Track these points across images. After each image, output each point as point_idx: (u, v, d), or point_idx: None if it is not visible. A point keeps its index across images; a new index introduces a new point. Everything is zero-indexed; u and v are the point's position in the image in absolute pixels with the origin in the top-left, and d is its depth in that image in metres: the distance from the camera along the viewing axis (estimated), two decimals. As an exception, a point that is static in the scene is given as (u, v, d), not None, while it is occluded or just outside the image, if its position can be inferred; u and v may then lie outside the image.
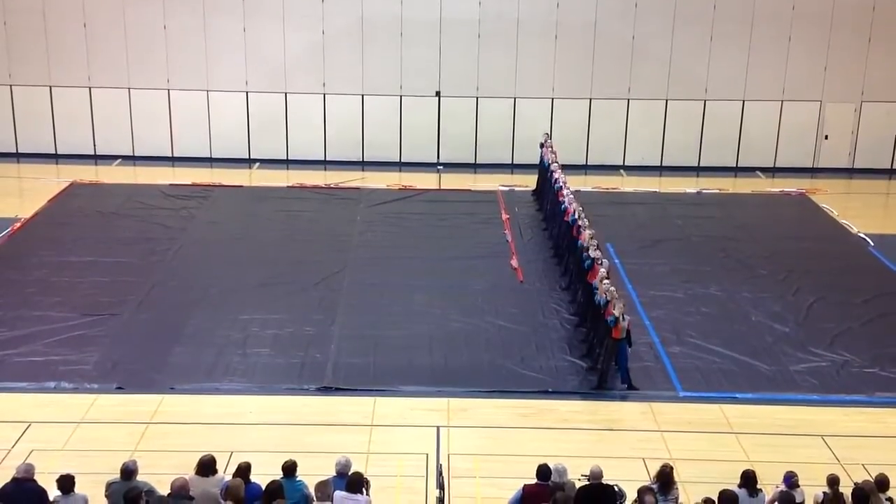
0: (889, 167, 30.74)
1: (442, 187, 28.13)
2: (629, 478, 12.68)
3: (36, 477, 11.35)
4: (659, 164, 30.34)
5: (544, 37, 29.39)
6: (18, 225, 23.87)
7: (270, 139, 30.08)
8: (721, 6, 29.23)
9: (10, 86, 29.59)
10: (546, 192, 25.43)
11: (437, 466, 13.79)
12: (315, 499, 10.95)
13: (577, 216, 20.73)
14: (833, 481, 11.67)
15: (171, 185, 27.52)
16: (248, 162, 30.19)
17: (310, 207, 26.13)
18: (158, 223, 24.39)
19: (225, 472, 12.29)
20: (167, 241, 23.16)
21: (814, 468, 13.25)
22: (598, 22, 29.28)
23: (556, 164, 24.66)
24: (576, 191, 23.87)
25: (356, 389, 16.45)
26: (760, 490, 11.75)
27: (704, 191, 28.36)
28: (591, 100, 29.87)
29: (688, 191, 28.33)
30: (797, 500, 11.49)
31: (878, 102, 30.08)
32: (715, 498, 11.17)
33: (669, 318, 19.33)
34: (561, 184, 23.33)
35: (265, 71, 29.55)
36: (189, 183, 27.71)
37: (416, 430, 15.24)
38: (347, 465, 11.76)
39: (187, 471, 11.60)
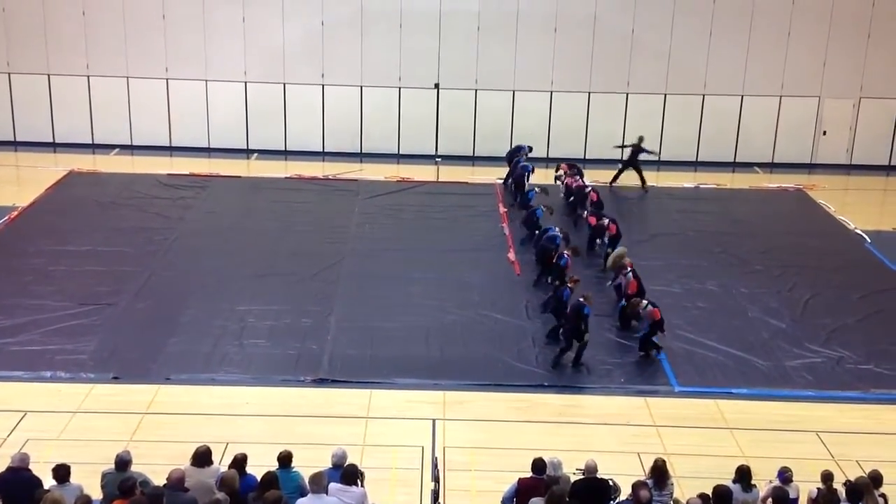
0: (887, 163, 30.67)
1: (440, 180, 28.05)
2: (624, 472, 12.74)
3: (31, 466, 11.37)
4: (657, 159, 30.28)
5: (544, 29, 29.31)
6: (16, 213, 23.82)
7: (269, 129, 29.98)
8: (721, 0, 29.18)
9: (9, 73, 29.48)
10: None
11: (433, 459, 13.82)
12: (310, 490, 10.96)
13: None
14: (827, 477, 11.71)
15: (168, 174, 27.45)
16: (246, 152, 30.11)
17: (307, 199, 26.07)
18: (156, 213, 24.34)
19: (220, 462, 12.30)
20: (164, 230, 23.12)
21: (808, 464, 13.30)
22: (597, 15, 29.19)
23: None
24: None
25: (352, 381, 16.48)
26: (754, 485, 11.79)
27: (702, 186, 28.32)
28: (589, 93, 29.80)
29: (685, 185, 28.31)
30: (791, 496, 11.53)
31: (877, 99, 30.03)
32: (709, 493, 11.21)
33: (665, 312, 19.25)
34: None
35: (264, 61, 29.46)
36: (187, 173, 27.64)
37: (412, 422, 15.28)
38: (343, 456, 11.80)
39: (183, 461, 11.63)
